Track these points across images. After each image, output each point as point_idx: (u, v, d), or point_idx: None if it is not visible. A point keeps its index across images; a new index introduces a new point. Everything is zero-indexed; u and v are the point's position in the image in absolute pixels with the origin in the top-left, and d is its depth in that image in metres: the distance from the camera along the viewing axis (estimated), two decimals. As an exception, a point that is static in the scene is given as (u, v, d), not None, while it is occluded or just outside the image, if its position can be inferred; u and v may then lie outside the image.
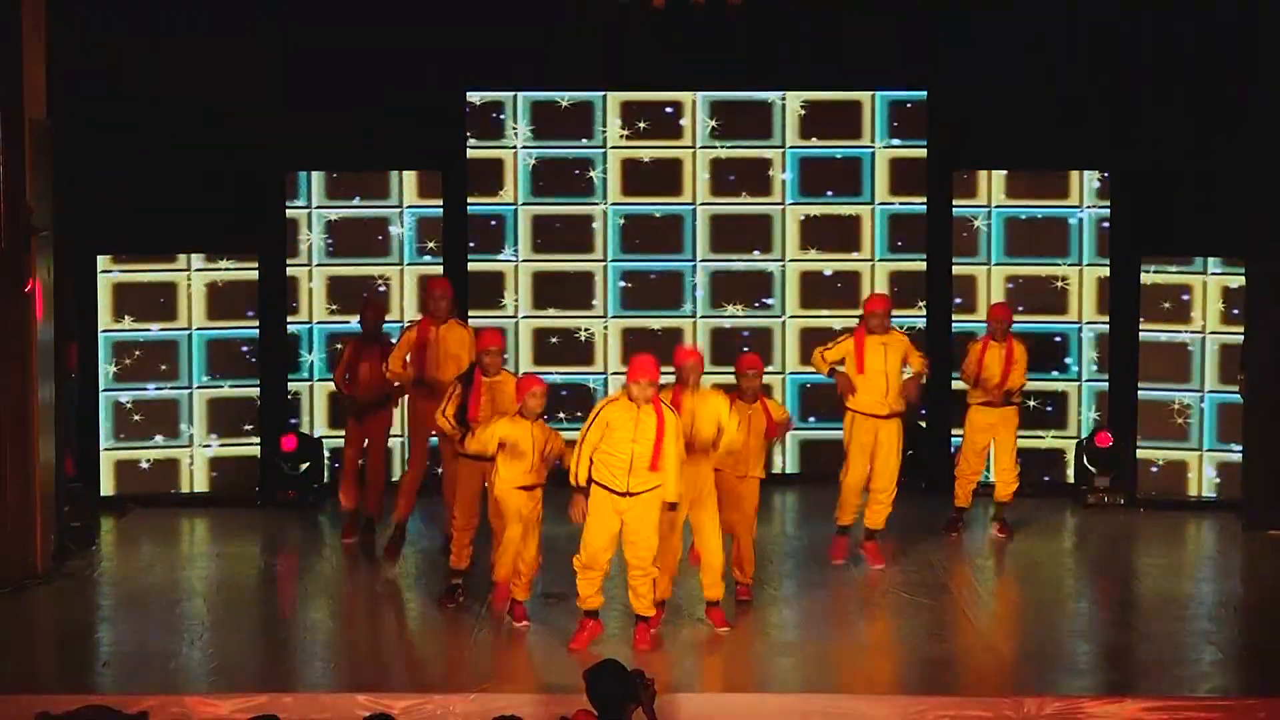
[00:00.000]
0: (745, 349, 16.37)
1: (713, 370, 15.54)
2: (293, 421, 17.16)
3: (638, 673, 9.52)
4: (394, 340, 14.99)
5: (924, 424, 17.16)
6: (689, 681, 11.82)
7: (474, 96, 17.39)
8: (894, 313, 14.89)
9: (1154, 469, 16.85)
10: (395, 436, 16.19)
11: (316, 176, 17.29)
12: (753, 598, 13.56)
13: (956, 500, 15.80)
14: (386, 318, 15.92)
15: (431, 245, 17.32)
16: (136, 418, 16.90)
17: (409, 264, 17.38)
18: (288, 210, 17.25)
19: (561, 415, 16.93)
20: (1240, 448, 16.26)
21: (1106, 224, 17.24)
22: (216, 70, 16.60)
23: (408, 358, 14.48)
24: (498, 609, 13.13)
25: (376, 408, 15.28)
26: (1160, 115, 16.73)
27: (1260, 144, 15.80)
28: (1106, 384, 17.24)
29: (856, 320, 15.21)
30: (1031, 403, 16.79)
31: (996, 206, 17.41)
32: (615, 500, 12.33)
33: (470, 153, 17.39)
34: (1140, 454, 16.85)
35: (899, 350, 14.67)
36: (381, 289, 17.23)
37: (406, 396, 14.97)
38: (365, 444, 15.44)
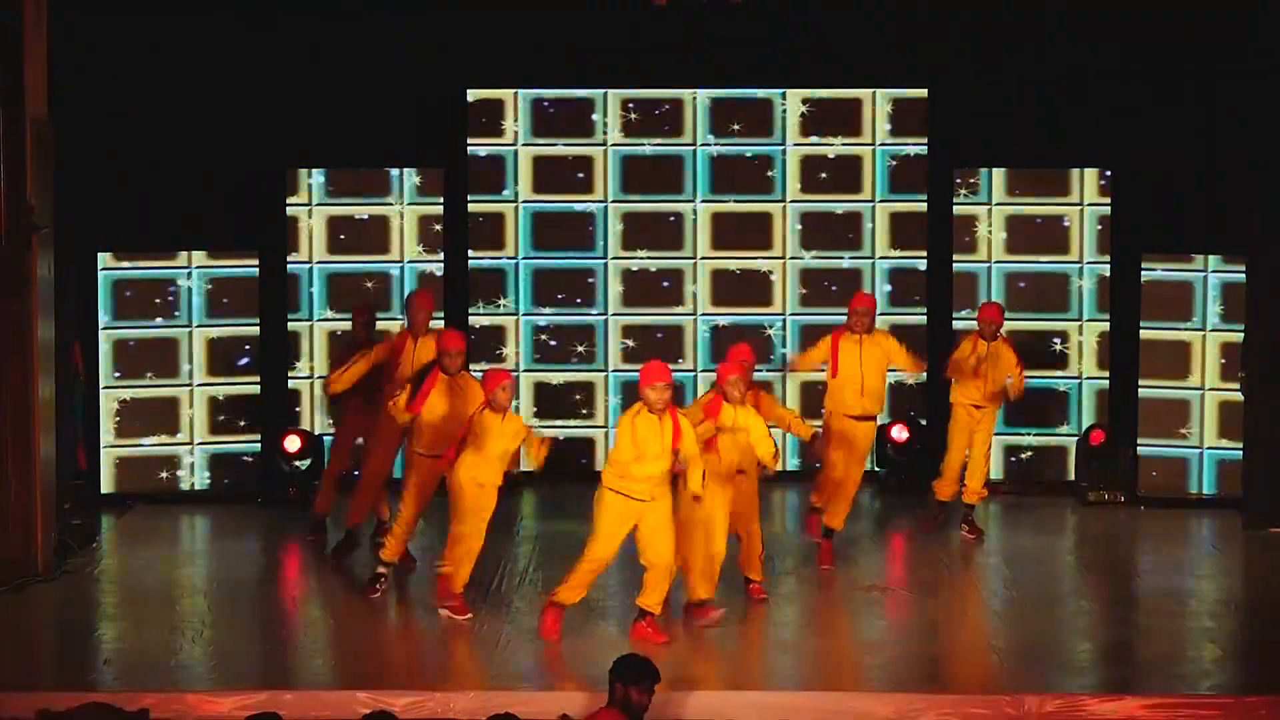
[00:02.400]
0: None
1: (710, 369, 15.56)
2: (296, 409, 17.17)
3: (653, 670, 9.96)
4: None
5: (924, 422, 17.15)
6: (688, 679, 11.81)
7: (474, 94, 17.39)
8: (894, 312, 14.87)
9: (1154, 474, 16.82)
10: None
11: (317, 174, 17.30)
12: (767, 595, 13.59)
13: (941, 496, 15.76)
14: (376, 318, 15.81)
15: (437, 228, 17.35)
16: (136, 415, 16.90)
17: (409, 261, 17.40)
18: (288, 207, 17.25)
19: (543, 415, 16.93)
20: (1241, 445, 16.26)
21: (1101, 226, 17.27)
22: (217, 67, 16.61)
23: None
24: (444, 603, 13.15)
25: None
26: (1161, 113, 16.74)
27: (1261, 142, 15.80)
28: (1107, 382, 17.25)
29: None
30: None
31: (997, 204, 17.42)
32: (633, 505, 12.40)
33: (471, 150, 17.40)
34: (1141, 452, 16.84)
35: (879, 351, 14.62)
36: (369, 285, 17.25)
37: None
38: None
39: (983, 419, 15.60)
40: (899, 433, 17.00)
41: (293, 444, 16.75)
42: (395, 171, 17.35)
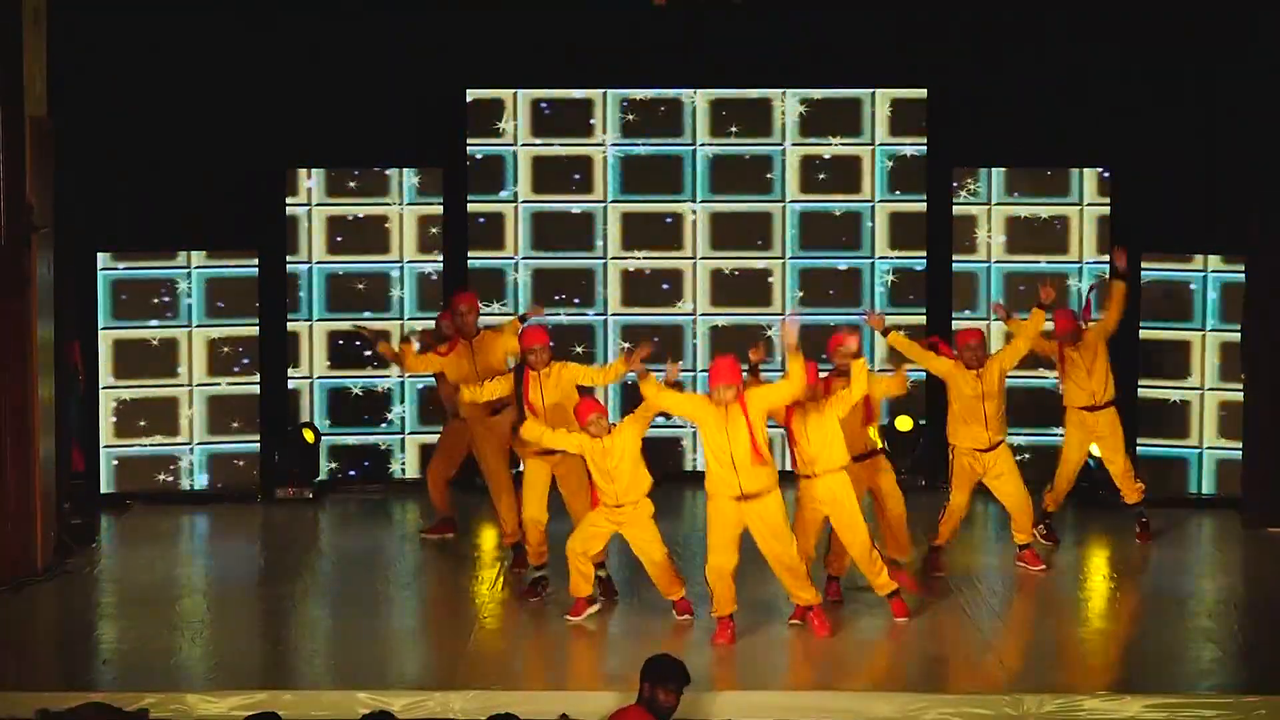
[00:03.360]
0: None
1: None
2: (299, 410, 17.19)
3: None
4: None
5: (923, 421, 17.15)
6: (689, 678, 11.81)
7: (474, 94, 17.40)
8: (893, 312, 14.84)
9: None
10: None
11: (317, 173, 17.30)
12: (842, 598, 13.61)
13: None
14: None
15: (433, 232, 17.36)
16: (136, 415, 16.90)
17: (409, 262, 17.40)
18: (288, 207, 17.25)
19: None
20: (1240, 445, 16.26)
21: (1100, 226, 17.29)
22: (217, 67, 16.63)
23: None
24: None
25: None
26: (1161, 113, 16.75)
27: (1261, 142, 15.80)
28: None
29: (860, 316, 15.17)
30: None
31: (996, 204, 17.42)
32: (735, 505, 12.47)
33: (470, 150, 17.40)
34: (1140, 453, 16.84)
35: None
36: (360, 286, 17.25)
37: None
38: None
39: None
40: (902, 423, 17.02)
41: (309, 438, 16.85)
42: (395, 171, 17.35)
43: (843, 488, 12.90)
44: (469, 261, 17.42)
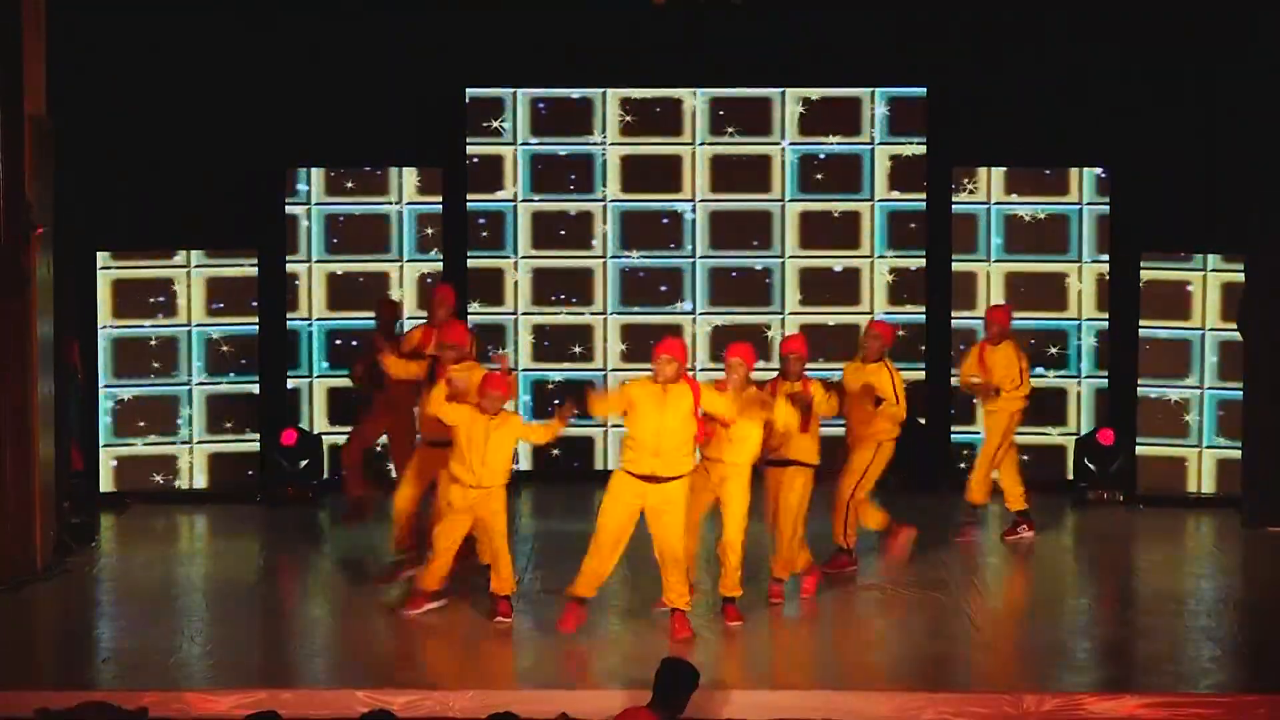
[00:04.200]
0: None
1: (708, 368, 15.56)
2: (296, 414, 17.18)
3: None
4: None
5: (923, 420, 17.15)
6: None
7: (473, 93, 17.39)
8: (892, 311, 14.84)
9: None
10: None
11: (316, 173, 17.30)
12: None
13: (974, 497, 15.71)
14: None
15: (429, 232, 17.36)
16: (135, 414, 16.90)
17: (409, 260, 17.40)
18: (287, 206, 17.26)
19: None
20: (1240, 444, 16.26)
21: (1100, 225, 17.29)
22: (216, 67, 16.62)
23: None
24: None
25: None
26: (1160, 112, 16.74)
27: (1260, 141, 15.80)
28: (1106, 381, 17.26)
29: (863, 321, 15.21)
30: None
31: (996, 203, 17.42)
32: (641, 485, 12.54)
33: (470, 149, 17.40)
34: (1139, 451, 16.84)
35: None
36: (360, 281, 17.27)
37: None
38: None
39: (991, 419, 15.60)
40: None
41: (290, 440, 16.82)
42: (394, 171, 17.35)
43: (734, 483, 12.87)
44: (468, 261, 17.41)
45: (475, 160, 17.38)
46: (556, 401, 15.53)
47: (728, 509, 12.93)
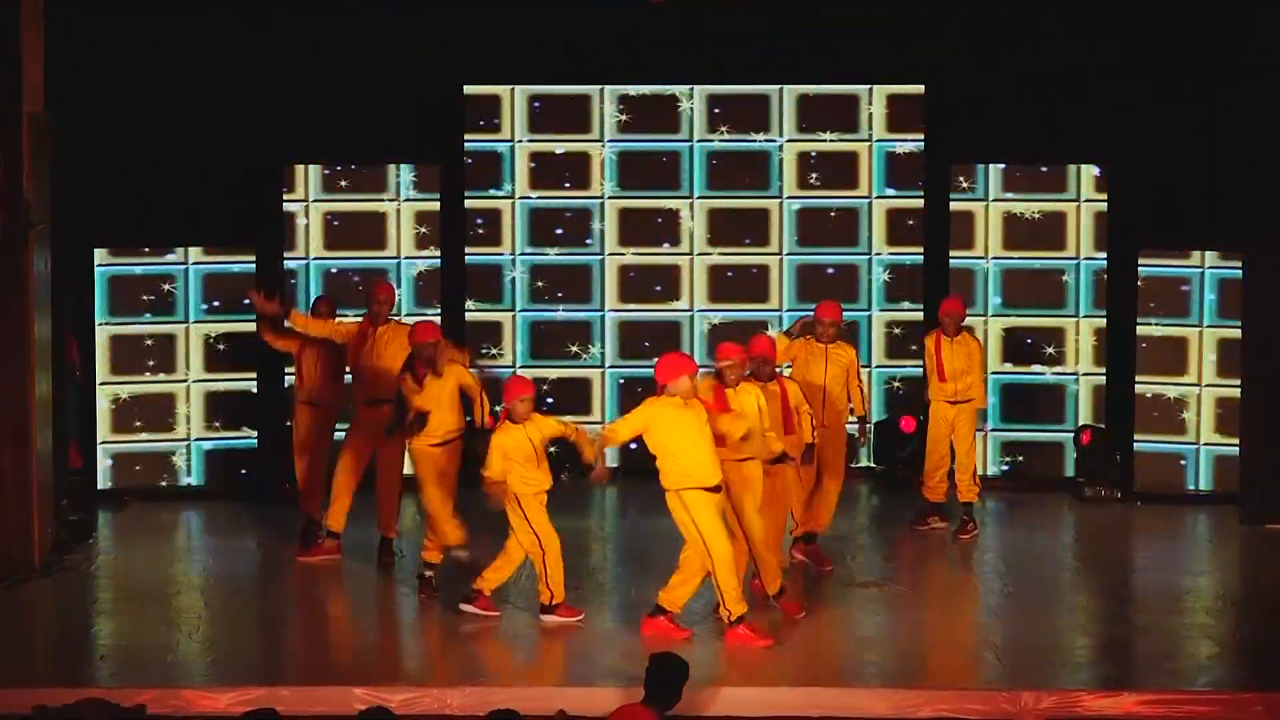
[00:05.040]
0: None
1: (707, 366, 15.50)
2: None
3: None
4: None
5: (922, 418, 17.15)
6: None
7: (471, 90, 17.39)
8: (890, 308, 14.83)
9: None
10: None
11: (314, 170, 17.29)
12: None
13: (930, 496, 15.65)
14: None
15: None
16: (133, 411, 16.90)
17: (406, 257, 17.40)
18: (285, 203, 17.25)
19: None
20: (1237, 441, 16.26)
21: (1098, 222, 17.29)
22: (215, 63, 16.62)
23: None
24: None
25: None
26: (1159, 110, 16.74)
27: (1259, 139, 15.80)
28: (1104, 378, 17.26)
29: (861, 317, 15.19)
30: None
31: (994, 200, 17.42)
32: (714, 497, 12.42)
33: (468, 146, 17.40)
34: (1137, 448, 16.85)
35: (841, 364, 14.54)
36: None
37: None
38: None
39: (960, 414, 15.46)
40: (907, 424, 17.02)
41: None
42: (392, 168, 17.35)
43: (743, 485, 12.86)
44: (466, 258, 17.42)
45: (470, 158, 17.39)
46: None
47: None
